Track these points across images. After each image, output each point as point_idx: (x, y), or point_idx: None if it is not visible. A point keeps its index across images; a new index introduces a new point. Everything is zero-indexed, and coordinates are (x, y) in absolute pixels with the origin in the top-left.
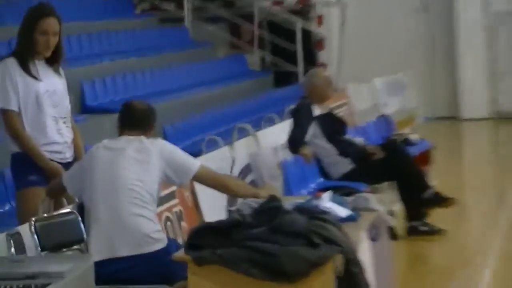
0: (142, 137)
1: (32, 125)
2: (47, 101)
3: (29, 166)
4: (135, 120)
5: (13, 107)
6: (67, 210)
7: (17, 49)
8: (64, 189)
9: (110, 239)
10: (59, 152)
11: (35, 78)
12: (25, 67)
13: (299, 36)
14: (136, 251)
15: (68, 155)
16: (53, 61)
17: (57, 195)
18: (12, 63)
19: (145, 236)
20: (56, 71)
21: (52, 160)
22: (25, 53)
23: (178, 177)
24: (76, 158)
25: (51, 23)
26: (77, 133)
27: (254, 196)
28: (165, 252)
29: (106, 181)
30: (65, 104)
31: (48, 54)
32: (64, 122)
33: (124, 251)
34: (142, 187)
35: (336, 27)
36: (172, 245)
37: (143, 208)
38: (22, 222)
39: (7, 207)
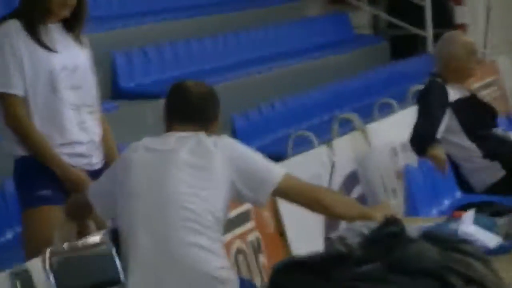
0: (201, 134)
1: (44, 116)
2: (65, 81)
3: (40, 176)
4: (190, 109)
5: (17, 90)
6: (96, 238)
7: (22, 8)
8: (90, 208)
9: (157, 281)
10: (83, 156)
11: (49, 49)
12: (34, 33)
13: None
14: None
15: (96, 160)
16: (72, 25)
17: (81, 216)
18: (15, 28)
19: (205, 276)
20: (77, 39)
21: (73, 166)
22: (33, 13)
23: (253, 191)
24: (107, 163)
25: None
26: (108, 128)
27: (364, 217)
28: None
29: (148, 197)
30: (90, 86)
31: (66, 13)
32: (90, 113)
33: None
34: (201, 206)
35: None
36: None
37: (201, 236)
38: (31, 255)
39: (9, 235)
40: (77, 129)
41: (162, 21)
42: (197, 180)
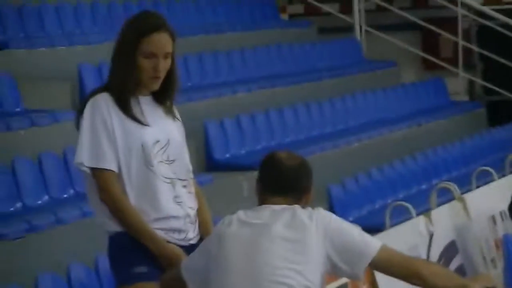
0: (296, 207)
1: (139, 191)
2: (158, 155)
3: (135, 252)
4: (282, 181)
5: (110, 166)
6: None
7: (112, 81)
8: (184, 284)
9: None
10: (179, 231)
11: (140, 122)
12: (125, 107)
13: None
14: None
15: (192, 235)
16: (163, 97)
17: None
18: (105, 101)
19: None
20: (169, 111)
21: (168, 242)
22: (124, 86)
23: (349, 265)
24: (202, 237)
25: (161, 40)
26: (203, 202)
27: None
28: None
29: (242, 272)
30: (184, 159)
31: (157, 86)
32: (184, 186)
33: None
34: (297, 279)
35: None
36: None
37: None
38: None
39: None
40: (172, 203)
41: (255, 90)
42: (292, 254)
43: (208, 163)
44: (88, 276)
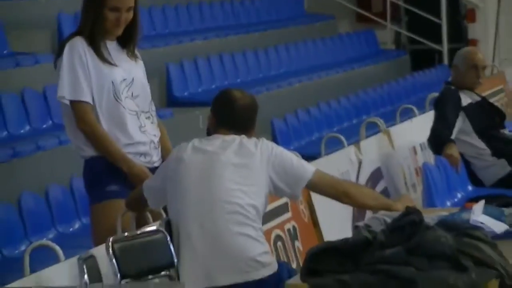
0: (243, 137)
1: (110, 121)
2: (125, 91)
3: (108, 173)
4: (236, 120)
5: (87, 98)
6: (153, 227)
7: (84, 29)
8: (145, 202)
9: (206, 265)
10: (145, 155)
11: (110, 63)
12: (97, 50)
13: (444, 5)
14: (239, 278)
15: (156, 158)
16: (127, 41)
17: (139, 208)
18: (81, 44)
19: (250, 260)
20: (132, 54)
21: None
22: (93, 32)
23: (289, 187)
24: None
25: None
26: (164, 131)
27: (387, 208)
28: (275, 279)
29: (198, 194)
30: (147, 95)
31: (119, 32)
32: (148, 118)
33: (224, 279)
34: (245, 199)
35: None
36: (283, 270)
37: (246, 226)
38: (98, 243)
39: (77, 225)
40: (138, 131)
41: (212, 38)
42: (240, 178)
43: (169, 99)
44: (64, 196)
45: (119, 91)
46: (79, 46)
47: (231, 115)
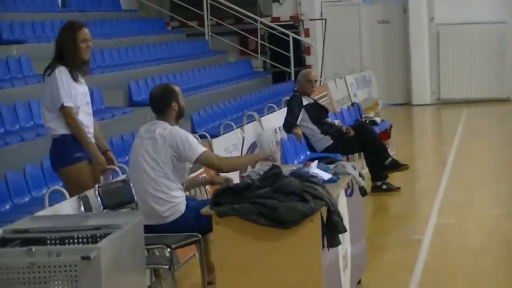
0: (160, 122)
1: (80, 119)
2: (84, 100)
3: (73, 145)
4: (152, 104)
5: (71, 104)
6: (122, 178)
7: (65, 55)
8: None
9: (141, 206)
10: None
11: (78, 82)
12: (73, 74)
13: (291, 44)
14: (156, 222)
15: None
16: (83, 66)
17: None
18: (64, 71)
19: (158, 213)
20: (84, 74)
21: None
22: (71, 63)
23: (184, 160)
24: (98, 146)
25: (87, 31)
26: (96, 123)
27: (249, 162)
28: (183, 217)
29: (133, 168)
30: (90, 101)
31: (88, 56)
32: (92, 116)
33: (148, 221)
34: (158, 172)
35: (320, 37)
36: (189, 204)
37: (157, 191)
38: (75, 191)
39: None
40: (90, 126)
41: (154, 65)
42: (154, 156)
43: (130, 102)
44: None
45: (82, 100)
46: (63, 74)
47: (152, 104)
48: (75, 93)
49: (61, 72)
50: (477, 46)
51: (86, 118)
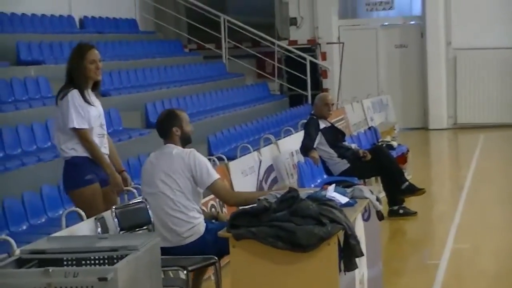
0: (171, 146)
1: (95, 139)
2: (96, 122)
3: (85, 167)
4: (157, 129)
5: (86, 126)
6: (139, 199)
7: (76, 79)
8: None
9: (158, 229)
10: None
11: (91, 105)
12: (85, 97)
13: (308, 68)
14: (174, 244)
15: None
16: (95, 88)
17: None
18: (77, 94)
19: (178, 235)
20: (97, 95)
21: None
22: (82, 85)
23: (199, 184)
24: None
25: (96, 52)
26: (112, 144)
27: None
28: (202, 239)
29: (150, 186)
30: (104, 122)
31: (99, 77)
32: (103, 136)
33: (166, 243)
34: (177, 193)
35: (337, 60)
36: (208, 225)
37: (176, 211)
38: (89, 213)
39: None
40: (102, 148)
41: (172, 87)
42: (172, 175)
43: (147, 123)
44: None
45: (94, 122)
46: (76, 97)
47: (156, 127)
48: (88, 115)
49: (74, 95)
50: (493, 70)
51: (99, 140)
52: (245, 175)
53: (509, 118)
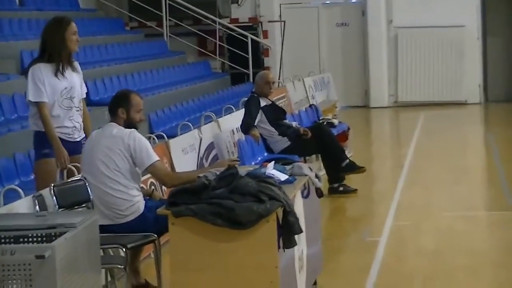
0: (113, 124)
1: (54, 113)
2: (64, 95)
3: (44, 142)
4: (108, 105)
5: (45, 99)
6: (78, 177)
7: (50, 54)
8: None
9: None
10: (68, 134)
11: (59, 78)
12: (57, 69)
13: (250, 46)
14: (114, 222)
15: (77, 136)
16: (69, 60)
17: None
18: (43, 67)
19: (117, 213)
20: (74, 69)
21: (61, 139)
22: (56, 57)
23: (137, 165)
24: (86, 137)
25: (75, 25)
26: (88, 118)
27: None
28: (142, 216)
29: (87, 163)
30: (79, 96)
31: (76, 48)
32: (77, 110)
33: (106, 221)
34: (115, 169)
35: (278, 39)
36: (148, 203)
37: (115, 190)
38: (42, 187)
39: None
40: (67, 119)
41: (112, 65)
42: (110, 154)
43: (88, 101)
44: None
45: (61, 95)
46: (39, 69)
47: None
48: (53, 88)
49: (34, 69)
50: (435, 49)
51: (64, 112)
52: (185, 153)
53: (450, 96)
